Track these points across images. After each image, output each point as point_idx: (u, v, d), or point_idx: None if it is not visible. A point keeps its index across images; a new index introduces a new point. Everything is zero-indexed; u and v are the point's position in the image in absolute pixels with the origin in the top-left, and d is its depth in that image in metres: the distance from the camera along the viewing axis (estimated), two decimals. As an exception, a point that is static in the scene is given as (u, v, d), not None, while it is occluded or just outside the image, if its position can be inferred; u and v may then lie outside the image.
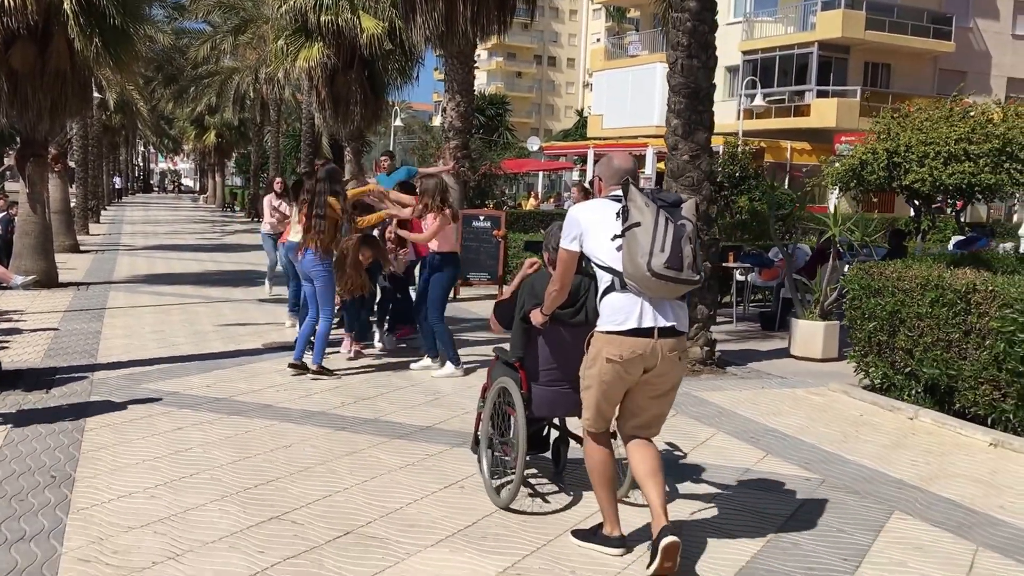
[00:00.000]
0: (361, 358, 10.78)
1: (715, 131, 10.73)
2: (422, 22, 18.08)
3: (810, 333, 11.74)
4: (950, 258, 10.72)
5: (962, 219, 24.79)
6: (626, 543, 5.13)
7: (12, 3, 14.64)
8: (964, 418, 8.37)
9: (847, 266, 11.61)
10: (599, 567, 5.00)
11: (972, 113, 22.28)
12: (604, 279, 4.95)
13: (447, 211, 9.65)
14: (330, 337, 10.00)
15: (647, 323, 4.83)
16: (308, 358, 9.84)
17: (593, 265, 5.03)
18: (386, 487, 6.22)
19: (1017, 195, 23.50)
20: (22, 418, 7.72)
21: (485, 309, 14.99)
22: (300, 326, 10.32)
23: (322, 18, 25.03)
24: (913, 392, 9.07)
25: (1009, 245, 20.54)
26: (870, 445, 7.71)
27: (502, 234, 17.54)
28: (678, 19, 10.21)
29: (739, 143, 31.20)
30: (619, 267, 4.83)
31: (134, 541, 5.14)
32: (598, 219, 4.98)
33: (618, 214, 4.87)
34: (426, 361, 10.25)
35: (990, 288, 8.13)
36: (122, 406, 8.19)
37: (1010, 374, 7.80)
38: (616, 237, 4.84)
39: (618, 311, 4.87)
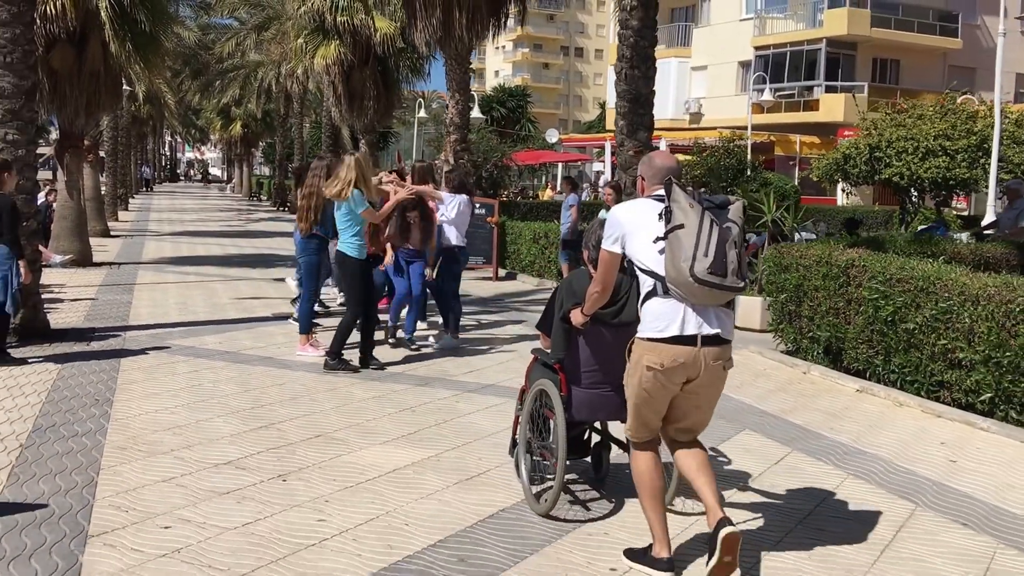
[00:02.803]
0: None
1: (729, 125, 12.47)
2: (422, 27, 19.83)
3: (750, 307, 13.40)
4: (849, 240, 12.39)
5: (943, 211, 25.89)
6: (674, 566, 4.86)
7: (54, 10, 16.49)
8: (849, 372, 10.03)
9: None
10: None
11: (953, 109, 23.63)
12: (646, 283, 4.78)
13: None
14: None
15: (690, 330, 4.66)
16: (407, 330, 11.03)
17: (635, 268, 4.88)
18: (355, 410, 8.00)
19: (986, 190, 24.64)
20: (70, 362, 9.57)
21: (478, 288, 16.75)
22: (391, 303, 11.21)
23: (338, 18, 26.66)
24: (815, 353, 10.72)
25: (964, 235, 21.84)
26: (757, 390, 9.41)
27: (495, 221, 19.25)
28: (623, 35, 11.95)
29: (736, 137, 32.59)
30: (661, 271, 4.66)
31: (158, 439, 6.95)
32: (641, 220, 4.81)
33: (660, 215, 4.70)
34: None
35: (863, 264, 9.82)
36: (149, 355, 10.05)
37: (877, 334, 9.47)
38: (658, 239, 4.68)
39: (659, 317, 4.70)
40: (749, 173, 28.14)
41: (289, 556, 4.91)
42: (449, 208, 11.05)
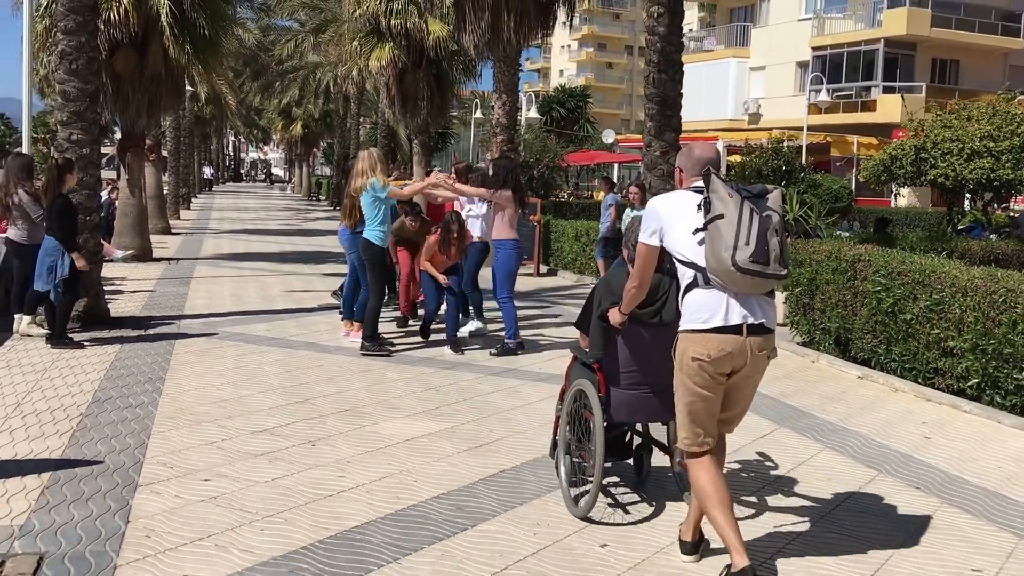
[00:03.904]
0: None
1: (787, 126, 12.93)
2: (471, 30, 20.47)
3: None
4: (861, 237, 12.94)
5: (990, 213, 25.81)
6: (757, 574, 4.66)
7: (117, 16, 17.43)
8: (856, 362, 10.60)
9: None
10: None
11: (1000, 111, 23.66)
12: (686, 275, 4.75)
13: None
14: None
15: (735, 320, 4.62)
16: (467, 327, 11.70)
17: (674, 260, 4.84)
18: (384, 389, 8.77)
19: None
20: (127, 344, 10.48)
21: (519, 283, 17.39)
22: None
23: (392, 21, 27.29)
24: (827, 344, 11.29)
25: (993, 236, 22.04)
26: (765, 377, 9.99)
27: (537, 219, 19.95)
28: (650, 41, 12.56)
29: (785, 137, 32.83)
30: (701, 262, 4.63)
31: (203, 410, 7.76)
32: (679, 212, 4.78)
33: (699, 206, 4.66)
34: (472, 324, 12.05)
35: (867, 259, 10.40)
36: (200, 340, 10.91)
37: (880, 325, 10.05)
38: (698, 230, 4.65)
39: (702, 308, 4.66)
40: (800, 175, 28.37)
41: (310, 503, 5.67)
42: (477, 204, 11.72)
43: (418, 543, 5.14)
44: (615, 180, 38.29)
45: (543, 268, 20.02)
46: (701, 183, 4.74)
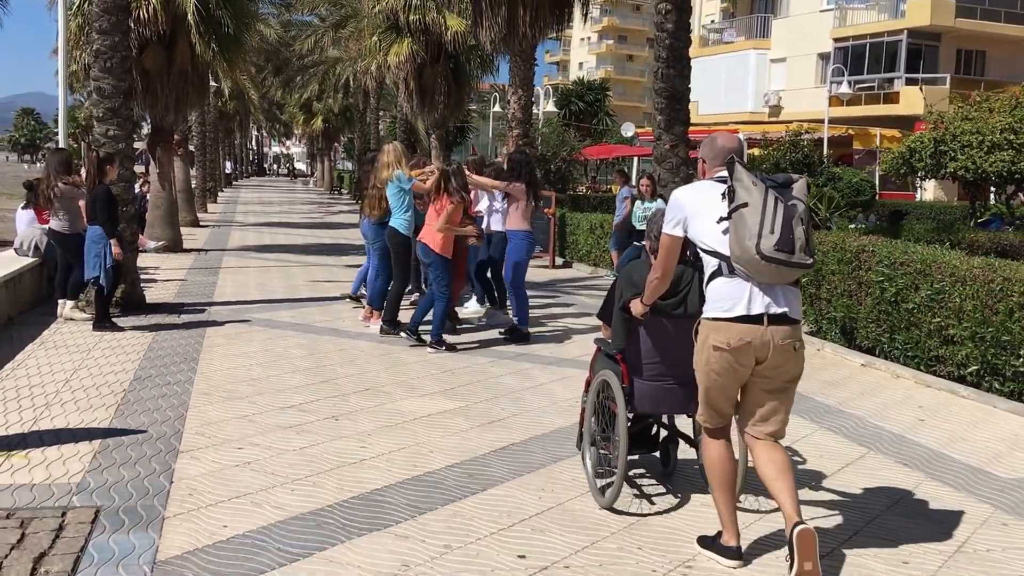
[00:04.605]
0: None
1: (808, 118, 13.29)
2: (487, 26, 20.86)
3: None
4: (868, 228, 13.34)
5: (1013, 205, 25.65)
6: (743, 556, 4.93)
7: (146, 15, 17.95)
8: (861, 350, 10.97)
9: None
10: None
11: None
12: (710, 264, 4.77)
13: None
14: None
15: (756, 309, 4.63)
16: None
17: (699, 250, 4.85)
18: (402, 370, 9.26)
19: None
20: (163, 329, 11.04)
21: (535, 274, 17.86)
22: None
23: (411, 17, 27.66)
24: (833, 333, 11.68)
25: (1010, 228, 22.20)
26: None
27: (552, 212, 20.37)
28: (659, 37, 13.01)
29: (804, 130, 32.88)
30: (726, 251, 4.65)
31: (235, 388, 8.29)
32: (703, 202, 4.79)
33: (723, 195, 4.68)
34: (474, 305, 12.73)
35: (872, 249, 10.80)
36: (230, 325, 11.45)
37: (884, 314, 10.44)
38: (722, 219, 4.65)
39: (725, 297, 4.68)
40: (818, 168, 28.28)
41: (334, 470, 6.17)
42: (500, 200, 12.14)
43: (432, 504, 5.62)
44: (632, 174, 38.38)
45: (559, 260, 20.44)
46: (724, 172, 4.76)
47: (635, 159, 51.64)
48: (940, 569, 5.03)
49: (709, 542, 5.05)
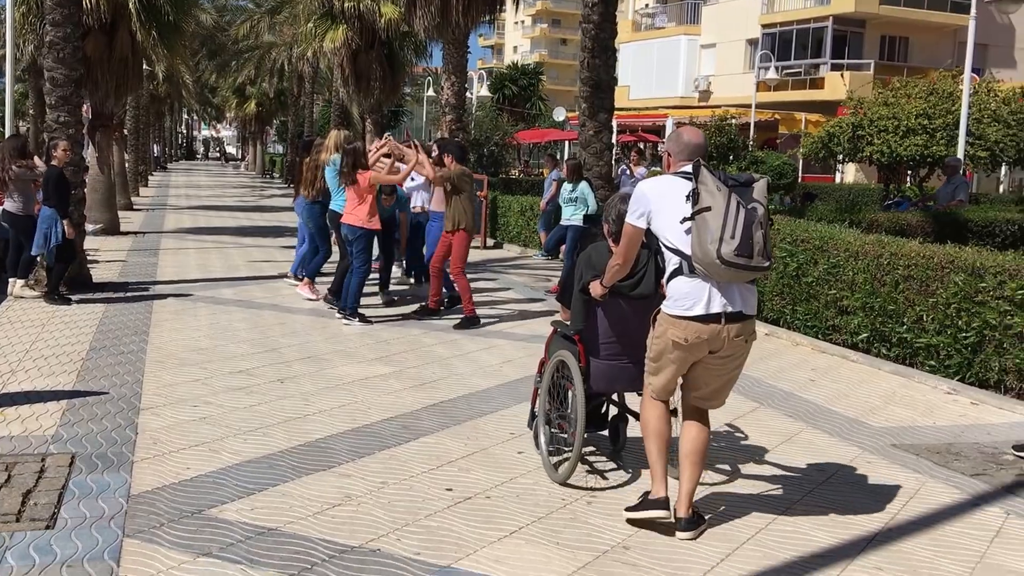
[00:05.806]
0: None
1: (737, 103, 14.00)
2: (421, 14, 21.42)
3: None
4: (777, 209, 14.21)
5: (925, 188, 26.59)
6: (670, 506, 5.12)
7: (90, 4, 18.31)
8: (766, 322, 11.71)
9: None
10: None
11: (937, 89, 24.40)
12: (672, 261, 4.97)
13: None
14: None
15: (715, 308, 4.87)
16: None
17: (661, 245, 5.05)
18: (341, 341, 10.00)
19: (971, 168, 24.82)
20: (112, 304, 11.69)
21: (469, 255, 18.51)
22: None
23: (346, 4, 28.13)
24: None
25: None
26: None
27: (483, 195, 21.07)
28: (586, 28, 13.79)
29: (729, 115, 33.71)
30: (687, 250, 4.83)
31: (186, 356, 8.99)
32: (667, 198, 4.97)
33: (688, 196, 4.84)
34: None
35: (776, 227, 11.60)
36: (175, 301, 12.10)
37: (787, 288, 11.30)
38: (686, 219, 4.83)
39: (686, 296, 4.90)
40: (742, 152, 28.98)
41: (282, 423, 6.92)
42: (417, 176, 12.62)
43: (370, 450, 6.39)
44: (563, 158, 38.89)
45: (490, 241, 21.18)
46: (689, 169, 4.91)
47: (566, 143, 52.29)
48: (806, 496, 5.90)
49: (639, 505, 5.24)
